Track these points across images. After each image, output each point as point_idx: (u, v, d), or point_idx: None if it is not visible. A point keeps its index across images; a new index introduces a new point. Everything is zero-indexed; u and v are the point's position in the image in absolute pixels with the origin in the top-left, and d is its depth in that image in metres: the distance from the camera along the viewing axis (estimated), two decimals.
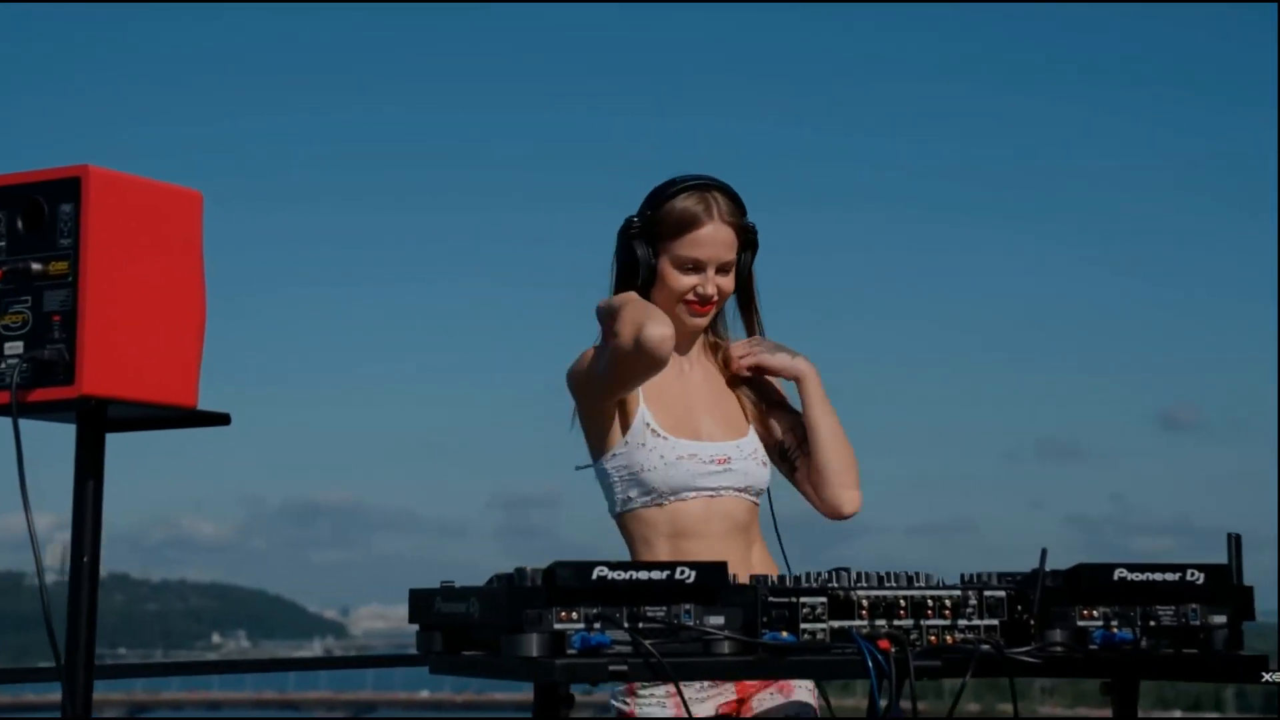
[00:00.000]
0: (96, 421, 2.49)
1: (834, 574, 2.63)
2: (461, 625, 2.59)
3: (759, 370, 3.41)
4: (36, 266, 2.45)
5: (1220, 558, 2.82)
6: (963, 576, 2.75)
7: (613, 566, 2.42)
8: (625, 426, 3.29)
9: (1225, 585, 2.76)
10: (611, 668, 2.38)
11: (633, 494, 3.27)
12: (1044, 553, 2.70)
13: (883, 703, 2.47)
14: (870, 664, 2.49)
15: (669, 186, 3.31)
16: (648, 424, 3.27)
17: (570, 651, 2.39)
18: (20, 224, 2.49)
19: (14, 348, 2.46)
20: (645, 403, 3.30)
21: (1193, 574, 2.74)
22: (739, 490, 3.28)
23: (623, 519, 3.31)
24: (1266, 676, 2.70)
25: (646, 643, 2.41)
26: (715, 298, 3.31)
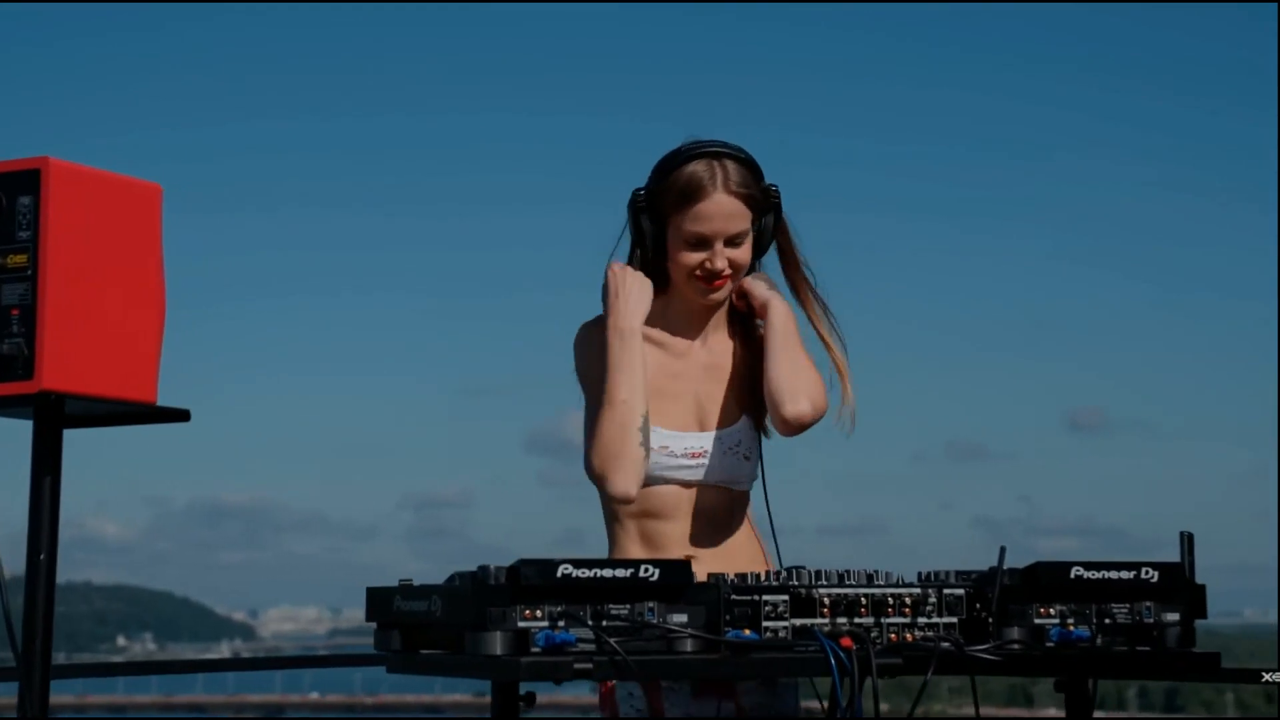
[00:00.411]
0: (54, 417, 2.44)
1: (793, 572, 2.64)
2: (422, 623, 2.57)
3: (744, 298, 3.28)
4: None
5: (1120, 555, 2.84)
6: (920, 575, 2.76)
7: (577, 564, 2.41)
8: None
9: (1179, 583, 2.79)
10: (576, 665, 2.37)
11: None
12: (1002, 551, 2.71)
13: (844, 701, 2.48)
14: (833, 661, 2.49)
15: (676, 155, 3.17)
16: None
17: (534, 650, 2.38)
18: None
19: None
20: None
21: (1147, 572, 2.77)
22: (715, 483, 3.23)
23: None
24: (1266, 676, 2.72)
25: (611, 640, 2.40)
26: (726, 271, 3.18)
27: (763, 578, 2.60)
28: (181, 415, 2.52)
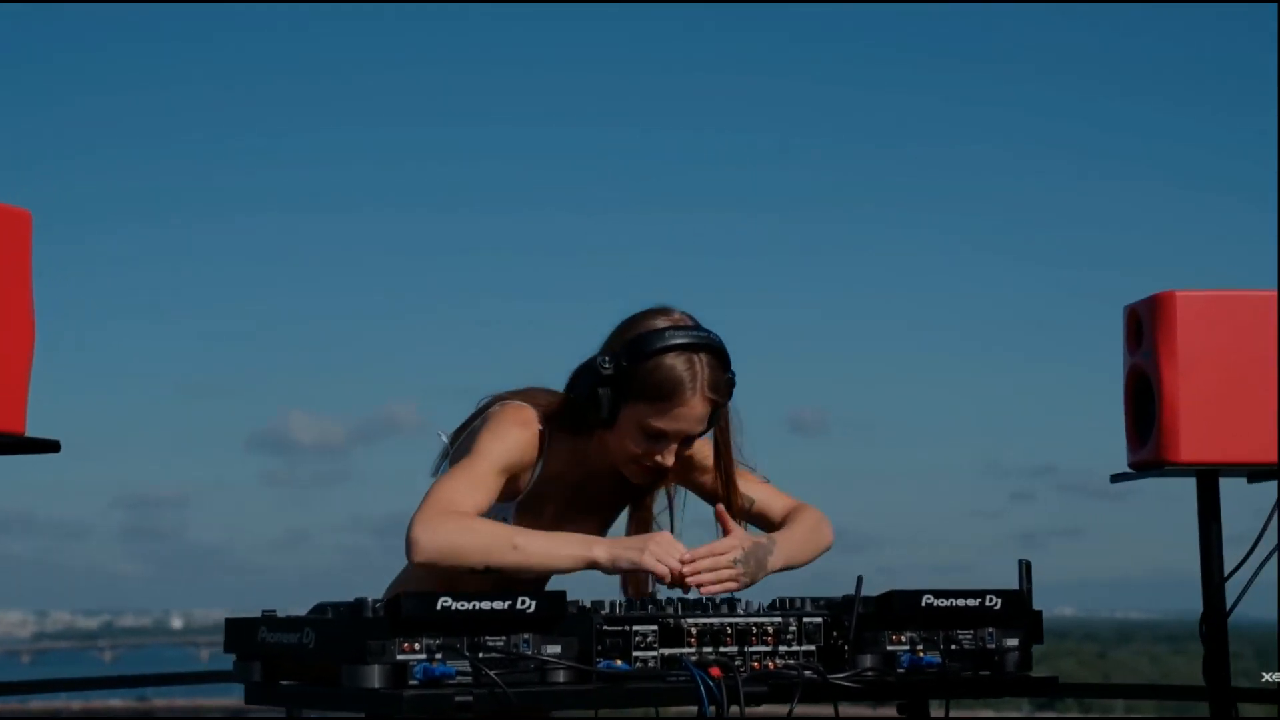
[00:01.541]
0: None
1: (658, 603, 2.70)
2: (291, 655, 2.55)
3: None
4: None
5: (837, 554, 2.97)
6: (775, 602, 2.83)
7: (456, 597, 2.42)
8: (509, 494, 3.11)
9: (1020, 610, 2.90)
10: (457, 698, 2.38)
11: None
12: (859, 580, 2.79)
13: None
14: (703, 690, 2.54)
15: (654, 340, 2.99)
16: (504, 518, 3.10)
17: (413, 683, 2.39)
18: None
19: None
20: (517, 508, 3.14)
21: (991, 600, 2.87)
22: None
23: None
24: (1266, 677, 2.80)
25: (491, 673, 2.41)
26: (670, 466, 3.09)
27: (634, 608, 2.64)
28: (52, 446, 2.47)
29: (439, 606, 2.41)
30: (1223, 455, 3.44)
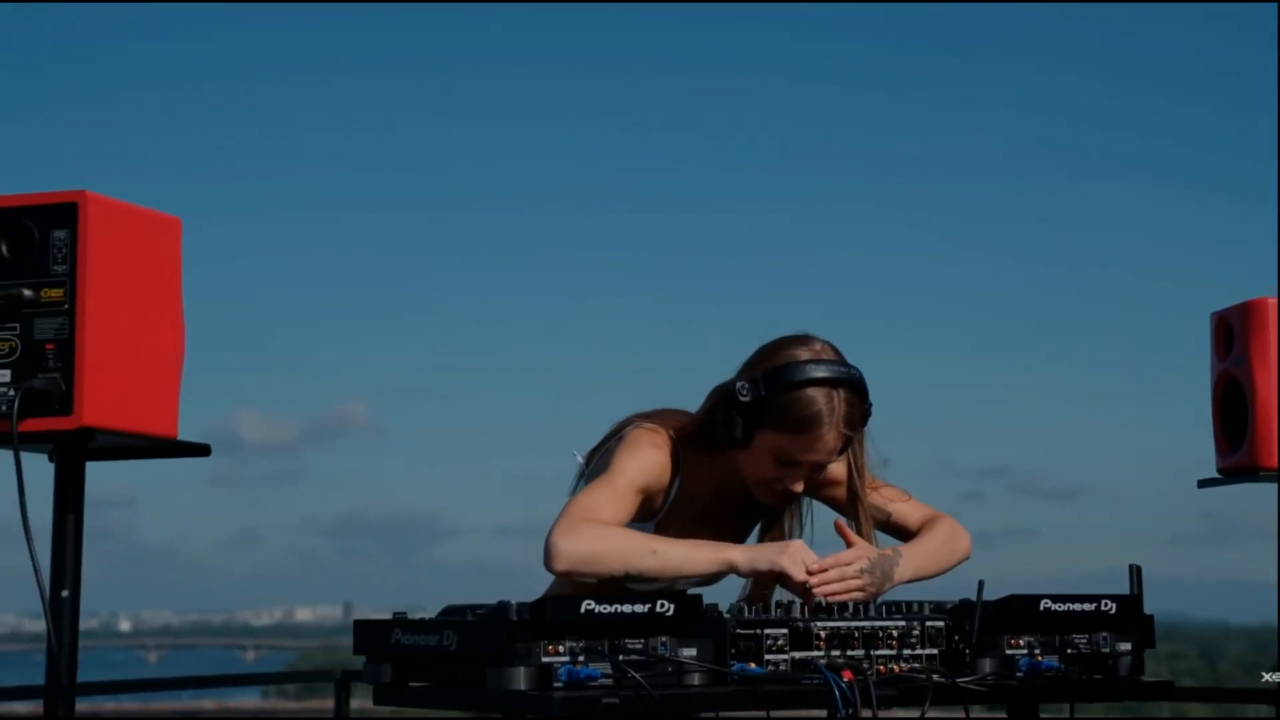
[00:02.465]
0: (79, 452, 2.41)
1: (784, 606, 2.73)
2: (428, 657, 2.58)
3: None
4: (27, 293, 2.37)
5: None
6: (887, 607, 2.85)
7: (599, 600, 2.45)
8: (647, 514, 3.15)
9: (1134, 615, 2.93)
10: (605, 700, 2.41)
11: None
12: (980, 585, 2.82)
13: None
14: (837, 693, 2.57)
15: (795, 372, 3.03)
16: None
17: (557, 685, 2.42)
18: (4, 249, 2.41)
19: (1, 376, 2.38)
20: (654, 528, 3.16)
21: (1106, 604, 2.90)
22: None
23: None
24: (1267, 677, 2.84)
25: (637, 675, 2.44)
26: (799, 492, 3.16)
27: (761, 611, 2.68)
28: (202, 450, 2.50)
29: (583, 610, 2.44)
30: None
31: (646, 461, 3.08)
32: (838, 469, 3.22)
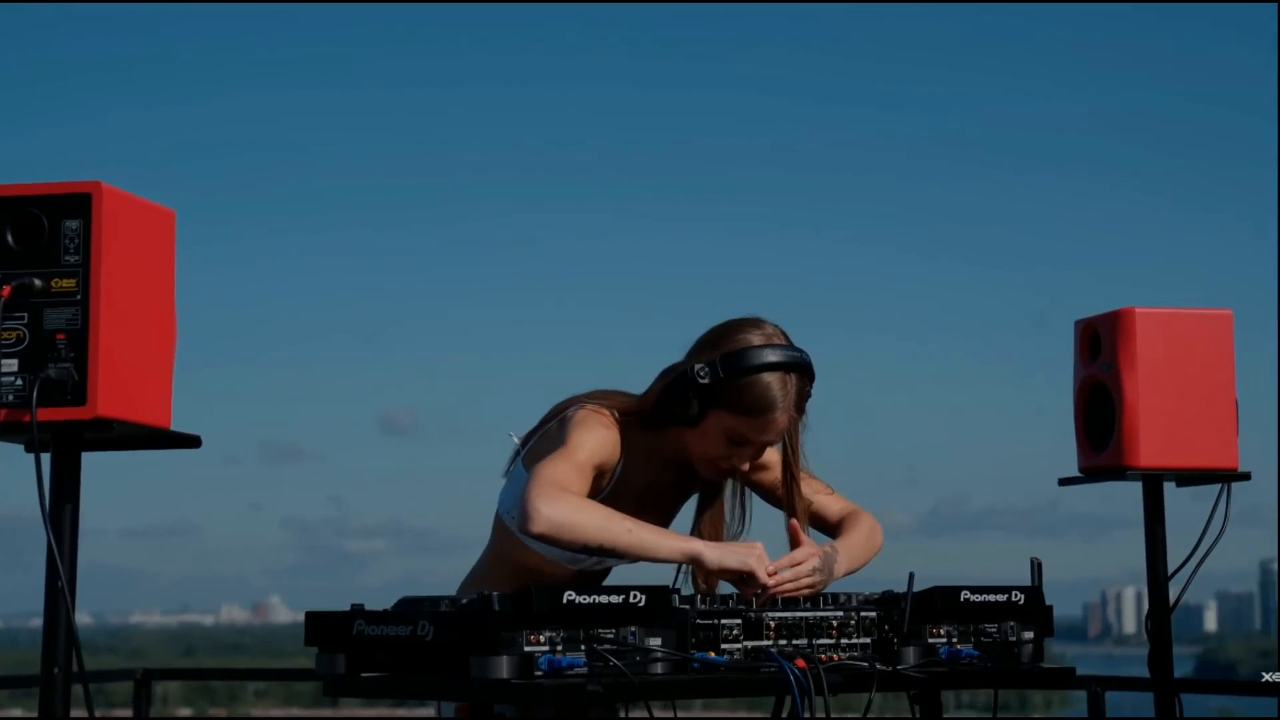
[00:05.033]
0: (75, 442, 2.38)
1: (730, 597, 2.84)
2: (397, 648, 2.60)
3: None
4: (38, 283, 2.34)
5: (431, 553, 3.14)
6: (824, 599, 2.97)
7: (579, 590, 2.52)
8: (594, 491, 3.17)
9: (1036, 605, 3.11)
10: (589, 688, 2.48)
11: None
12: (911, 576, 2.96)
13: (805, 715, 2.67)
14: (793, 680, 2.68)
15: (751, 356, 3.12)
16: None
17: (538, 673, 2.48)
18: (10, 237, 2.37)
19: (9, 365, 2.34)
20: (604, 496, 3.20)
21: (1016, 595, 3.07)
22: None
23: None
24: (1266, 676, 3.02)
25: (620, 664, 2.52)
26: (745, 470, 3.26)
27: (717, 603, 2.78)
28: (193, 441, 2.48)
29: (565, 600, 2.50)
30: (1180, 461, 3.72)
31: (600, 439, 3.15)
32: (771, 453, 3.32)
